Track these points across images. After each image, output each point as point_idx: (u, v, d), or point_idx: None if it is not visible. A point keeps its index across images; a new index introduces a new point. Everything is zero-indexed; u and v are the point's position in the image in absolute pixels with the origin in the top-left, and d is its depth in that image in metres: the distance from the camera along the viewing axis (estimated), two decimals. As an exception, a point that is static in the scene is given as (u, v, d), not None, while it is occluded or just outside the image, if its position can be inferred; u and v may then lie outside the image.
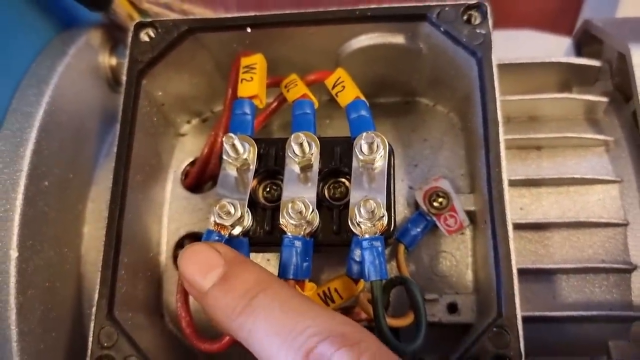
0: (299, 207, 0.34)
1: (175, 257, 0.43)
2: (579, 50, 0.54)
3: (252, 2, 0.96)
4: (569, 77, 0.47)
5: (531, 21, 0.92)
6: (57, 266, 0.41)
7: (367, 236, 0.34)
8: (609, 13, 0.78)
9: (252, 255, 0.38)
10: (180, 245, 0.44)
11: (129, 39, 0.41)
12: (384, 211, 0.34)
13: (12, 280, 0.37)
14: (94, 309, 0.35)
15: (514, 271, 0.33)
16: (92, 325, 0.34)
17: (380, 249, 0.34)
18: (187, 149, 0.47)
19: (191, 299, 0.38)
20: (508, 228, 0.33)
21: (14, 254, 0.37)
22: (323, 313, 0.27)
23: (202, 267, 0.30)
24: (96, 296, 0.35)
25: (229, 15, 0.41)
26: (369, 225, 0.34)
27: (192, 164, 0.46)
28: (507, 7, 0.90)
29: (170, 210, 0.44)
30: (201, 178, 0.44)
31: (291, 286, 0.30)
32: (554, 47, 0.53)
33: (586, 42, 0.52)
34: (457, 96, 0.43)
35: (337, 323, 0.27)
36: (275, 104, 0.42)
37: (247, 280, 0.29)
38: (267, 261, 0.43)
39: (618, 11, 0.77)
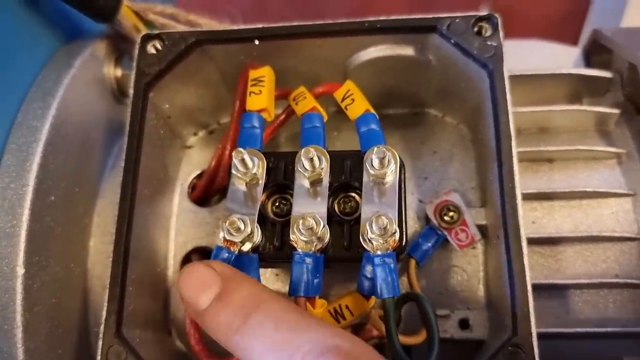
0: (310, 223, 0.33)
1: (182, 272, 0.43)
2: (587, 60, 0.53)
3: (255, 12, 0.96)
4: (579, 88, 0.47)
5: (536, 30, 0.92)
6: (63, 281, 0.41)
7: (379, 252, 0.33)
8: (615, 22, 0.78)
9: (261, 271, 0.38)
10: (187, 259, 0.43)
11: (136, 51, 0.40)
12: (396, 227, 0.33)
13: (19, 297, 0.36)
14: (101, 327, 0.34)
15: (529, 288, 0.32)
16: (100, 343, 0.34)
17: (392, 265, 0.33)
18: (193, 162, 0.47)
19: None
20: (522, 244, 0.33)
21: (20, 270, 0.36)
22: (316, 327, 0.27)
23: (199, 287, 0.30)
24: (104, 314, 0.34)
25: (237, 28, 0.40)
26: (381, 241, 0.33)
27: (199, 176, 0.46)
28: (512, 16, 0.90)
29: (178, 224, 0.44)
30: (208, 191, 0.44)
31: (286, 300, 0.30)
32: (562, 57, 0.53)
33: (595, 51, 0.52)
34: (467, 108, 0.43)
35: (332, 335, 0.27)
36: (283, 116, 0.42)
37: (241, 297, 0.29)
38: (276, 276, 0.42)
39: (624, 20, 0.76)
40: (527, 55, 0.54)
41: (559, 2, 0.95)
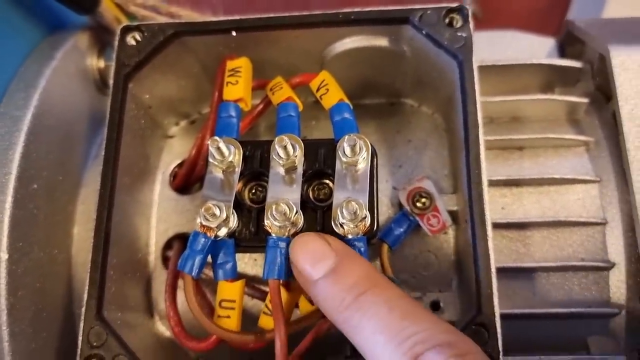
0: (283, 208, 0.34)
1: (164, 258, 0.44)
2: (562, 51, 0.54)
3: (239, 3, 0.97)
4: (551, 78, 0.48)
5: (520, 20, 0.93)
6: (47, 267, 0.42)
7: (350, 237, 0.35)
8: (596, 13, 0.79)
9: (239, 256, 0.39)
10: (168, 245, 0.44)
11: (116, 43, 0.41)
12: (366, 212, 0.34)
13: (3, 281, 0.37)
14: (83, 309, 0.35)
15: (493, 270, 0.33)
16: (81, 325, 0.35)
17: (362, 249, 0.34)
18: (175, 151, 0.48)
19: (178, 298, 0.39)
20: (487, 228, 0.34)
21: (4, 255, 0.38)
22: (430, 318, 0.28)
23: (313, 257, 0.31)
24: (85, 296, 0.36)
25: (215, 19, 0.41)
26: (352, 226, 0.34)
27: (180, 165, 0.47)
28: (497, 7, 0.90)
29: (159, 212, 0.45)
30: (189, 180, 0.45)
31: (399, 288, 0.30)
32: (539, 48, 0.54)
33: (569, 42, 0.53)
34: (441, 97, 0.44)
35: (443, 331, 0.27)
36: (261, 106, 0.43)
37: (355, 275, 0.30)
38: (255, 261, 0.44)
39: (605, 11, 0.77)
40: (504, 46, 0.55)
41: (543, -6, 0.96)
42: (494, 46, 0.54)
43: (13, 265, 0.38)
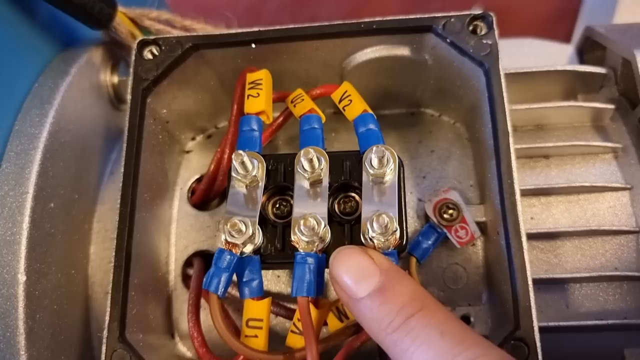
0: (311, 223, 0.33)
1: (184, 276, 0.43)
2: (580, 57, 0.54)
3: (249, 17, 0.96)
4: (574, 85, 0.47)
5: (529, 28, 0.93)
6: (65, 288, 0.41)
7: (380, 251, 0.33)
8: (606, 19, 0.78)
9: (263, 273, 0.38)
10: (188, 263, 0.43)
11: (133, 57, 0.41)
12: (396, 225, 0.33)
13: (21, 304, 0.36)
14: (105, 332, 0.34)
15: (530, 282, 0.33)
16: (103, 348, 0.34)
17: (394, 263, 0.33)
18: (192, 166, 0.47)
19: (202, 317, 0.38)
20: (522, 239, 0.33)
21: (22, 277, 0.36)
22: (481, 342, 0.27)
23: (357, 273, 0.30)
24: (107, 318, 0.34)
25: (233, 32, 0.41)
26: (382, 239, 0.33)
27: (198, 180, 0.46)
28: (505, 15, 0.90)
29: (178, 229, 0.44)
30: (208, 195, 0.44)
31: (447, 309, 0.29)
32: (556, 55, 0.53)
33: (588, 48, 0.52)
34: (463, 106, 0.43)
35: (498, 356, 0.26)
36: (281, 119, 0.42)
37: (403, 295, 0.29)
38: (277, 277, 0.43)
39: (615, 17, 0.77)
40: (521, 54, 0.55)
41: (551, 0, 0.95)
42: (512, 54, 0.53)
43: (31, 288, 0.37)
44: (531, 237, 0.41)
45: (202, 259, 0.42)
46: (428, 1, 0.94)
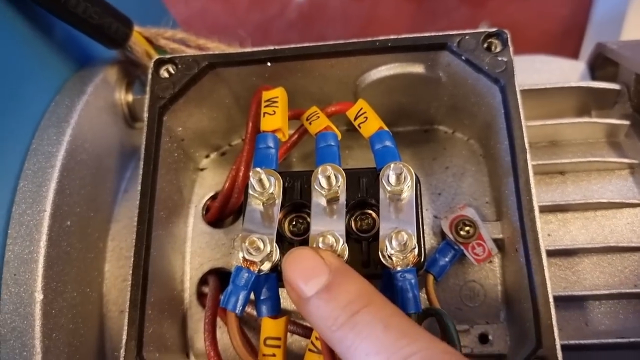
0: (330, 240, 0.33)
1: (199, 294, 0.43)
2: (592, 74, 0.54)
3: (258, 36, 0.97)
4: (587, 101, 0.47)
5: (536, 45, 0.93)
6: (80, 307, 0.41)
7: (399, 268, 0.33)
8: (613, 36, 0.79)
9: (279, 290, 0.37)
10: (203, 281, 0.43)
11: (150, 76, 0.41)
12: (415, 243, 0.33)
13: (38, 323, 0.36)
14: (122, 351, 0.34)
15: (551, 300, 0.32)
16: (121, 367, 0.34)
17: (413, 281, 0.33)
18: (207, 184, 0.47)
19: (218, 336, 0.38)
20: (542, 256, 0.33)
21: (39, 296, 0.36)
22: (425, 336, 0.27)
23: (306, 273, 0.30)
24: (124, 337, 0.34)
25: (249, 50, 0.41)
26: (401, 257, 0.33)
27: (212, 198, 0.46)
28: (512, 32, 0.91)
29: (193, 246, 0.44)
30: (223, 213, 0.44)
31: (394, 305, 0.29)
32: (569, 71, 0.53)
33: (600, 65, 0.52)
34: (477, 123, 0.43)
35: (442, 351, 0.26)
36: (296, 136, 0.42)
37: (350, 292, 0.29)
38: (293, 295, 0.42)
39: (623, 33, 0.77)
40: (533, 70, 0.55)
41: (557, 17, 0.96)
42: (524, 71, 0.53)
43: (48, 306, 0.37)
44: (549, 254, 0.40)
45: (217, 277, 0.42)
46: (435, 19, 0.95)
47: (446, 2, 0.95)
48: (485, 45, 0.39)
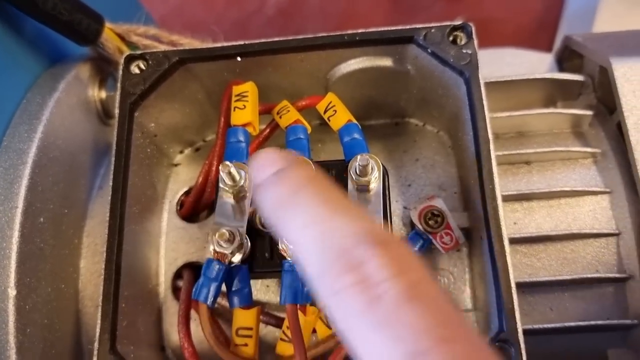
0: (298, 231, 0.34)
1: (174, 288, 0.43)
2: (560, 66, 0.55)
3: (236, 33, 0.98)
4: (553, 92, 0.48)
5: (511, 38, 0.95)
6: (55, 302, 0.41)
7: (366, 258, 0.34)
8: (586, 29, 0.80)
9: (252, 282, 0.38)
10: (178, 275, 0.43)
11: (120, 72, 0.41)
12: (382, 232, 0.34)
13: (11, 319, 0.36)
14: (96, 344, 0.35)
15: (513, 285, 0.33)
16: (94, 360, 0.34)
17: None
18: (181, 179, 0.47)
19: (192, 328, 0.39)
20: (504, 243, 0.34)
21: (12, 292, 0.37)
22: (357, 214, 0.26)
23: (265, 163, 0.29)
24: (98, 330, 0.35)
25: (219, 45, 0.41)
26: (368, 246, 0.34)
27: (186, 193, 0.46)
28: (488, 26, 0.92)
29: (168, 241, 0.44)
30: (197, 207, 0.44)
31: (338, 187, 0.28)
32: (537, 64, 0.55)
33: (567, 57, 0.53)
34: (446, 115, 0.44)
35: (369, 230, 0.25)
36: (268, 130, 0.43)
37: (300, 174, 0.28)
38: (267, 287, 0.43)
39: (594, 27, 0.79)
40: (503, 64, 0.56)
41: (532, 12, 0.97)
42: (494, 64, 0.54)
43: (21, 302, 0.37)
44: (515, 241, 0.41)
45: (192, 271, 0.43)
46: (413, 14, 0.96)
47: (423, -3, 0.96)
48: (451, 38, 0.40)
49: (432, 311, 0.22)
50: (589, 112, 0.45)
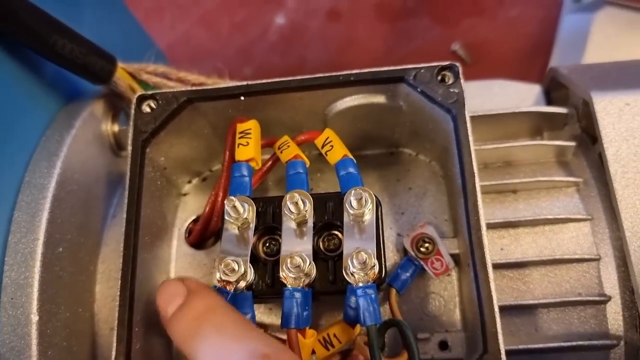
0: (297, 261, 0.37)
1: (183, 311, 0.46)
2: (548, 96, 0.58)
3: (240, 59, 1.01)
4: (539, 123, 0.51)
5: (506, 64, 0.97)
6: (73, 326, 0.44)
7: (360, 284, 0.37)
8: (577, 57, 0.83)
9: (255, 306, 0.41)
10: (187, 299, 0.46)
11: (132, 111, 0.44)
12: (375, 261, 0.37)
13: (34, 342, 0.39)
14: (111, 366, 0.37)
15: (496, 310, 0.36)
16: (110, 381, 0.37)
17: (373, 296, 0.37)
18: (189, 208, 0.50)
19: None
20: (488, 271, 0.37)
21: (34, 317, 0.40)
22: (252, 336, 0.31)
23: (167, 298, 0.35)
24: (113, 353, 0.38)
25: (224, 86, 0.45)
26: (362, 274, 0.37)
27: (194, 221, 0.49)
28: (483, 52, 0.95)
29: (177, 267, 0.47)
30: (204, 235, 0.47)
31: (237, 314, 0.34)
32: (526, 94, 0.57)
33: (555, 88, 0.56)
34: (437, 147, 0.47)
35: (262, 346, 0.30)
36: (269, 163, 0.46)
37: (198, 307, 0.33)
38: (270, 310, 0.46)
39: (585, 56, 0.81)
40: (493, 94, 0.59)
41: (527, 36, 1.00)
42: (484, 95, 0.57)
43: (43, 327, 0.40)
44: (501, 266, 0.44)
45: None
46: (409, 39, 0.99)
47: (420, 22, 0.99)
48: (439, 77, 0.43)
49: None
50: (572, 143, 0.48)
